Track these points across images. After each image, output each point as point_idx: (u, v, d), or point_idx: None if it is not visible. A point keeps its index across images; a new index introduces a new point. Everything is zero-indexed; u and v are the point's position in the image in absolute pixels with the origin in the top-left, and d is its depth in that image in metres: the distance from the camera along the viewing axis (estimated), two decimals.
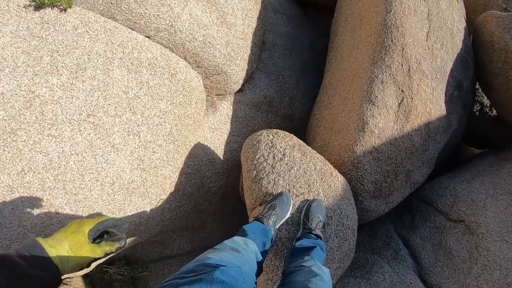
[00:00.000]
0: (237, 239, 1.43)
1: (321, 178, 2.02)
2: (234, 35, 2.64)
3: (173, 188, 2.34)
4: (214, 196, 2.68)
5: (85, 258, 0.86)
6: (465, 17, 3.36)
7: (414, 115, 2.47)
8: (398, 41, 2.41)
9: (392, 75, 2.39)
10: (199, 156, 2.54)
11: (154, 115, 2.15)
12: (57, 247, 0.81)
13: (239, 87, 2.91)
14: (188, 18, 2.35)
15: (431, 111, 2.64)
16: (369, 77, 2.40)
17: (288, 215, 1.89)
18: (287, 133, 2.21)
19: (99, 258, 0.91)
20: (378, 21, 2.49)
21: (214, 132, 2.73)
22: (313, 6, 4.06)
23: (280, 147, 2.07)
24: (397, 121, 2.42)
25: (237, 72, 2.77)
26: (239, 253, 1.28)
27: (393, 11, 2.44)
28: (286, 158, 2.02)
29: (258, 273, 1.35)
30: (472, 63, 3.25)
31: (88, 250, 0.87)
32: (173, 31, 2.31)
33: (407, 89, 2.43)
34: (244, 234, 1.55)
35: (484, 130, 3.82)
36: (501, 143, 3.68)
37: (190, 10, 2.36)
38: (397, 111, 2.42)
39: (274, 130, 2.20)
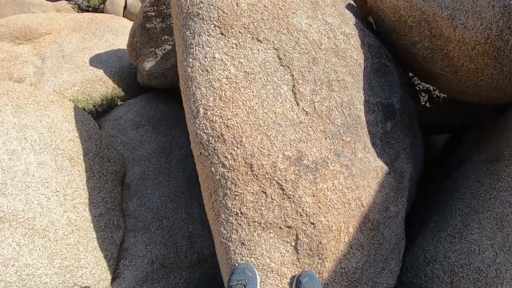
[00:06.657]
0: None
1: None
2: (55, 239, 1.92)
3: None
4: None
5: None
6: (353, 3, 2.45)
7: (327, 241, 1.69)
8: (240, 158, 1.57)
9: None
10: None
11: None
12: None
13: (110, 276, 2.16)
14: None
15: (361, 198, 1.82)
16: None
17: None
18: None
19: None
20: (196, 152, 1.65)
21: None
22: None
23: None
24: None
25: (91, 271, 2.04)
26: None
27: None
28: None
29: None
30: (390, 61, 2.33)
31: None
32: None
33: (293, 222, 1.63)
34: None
35: (444, 116, 2.88)
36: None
37: None
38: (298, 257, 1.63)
39: None
